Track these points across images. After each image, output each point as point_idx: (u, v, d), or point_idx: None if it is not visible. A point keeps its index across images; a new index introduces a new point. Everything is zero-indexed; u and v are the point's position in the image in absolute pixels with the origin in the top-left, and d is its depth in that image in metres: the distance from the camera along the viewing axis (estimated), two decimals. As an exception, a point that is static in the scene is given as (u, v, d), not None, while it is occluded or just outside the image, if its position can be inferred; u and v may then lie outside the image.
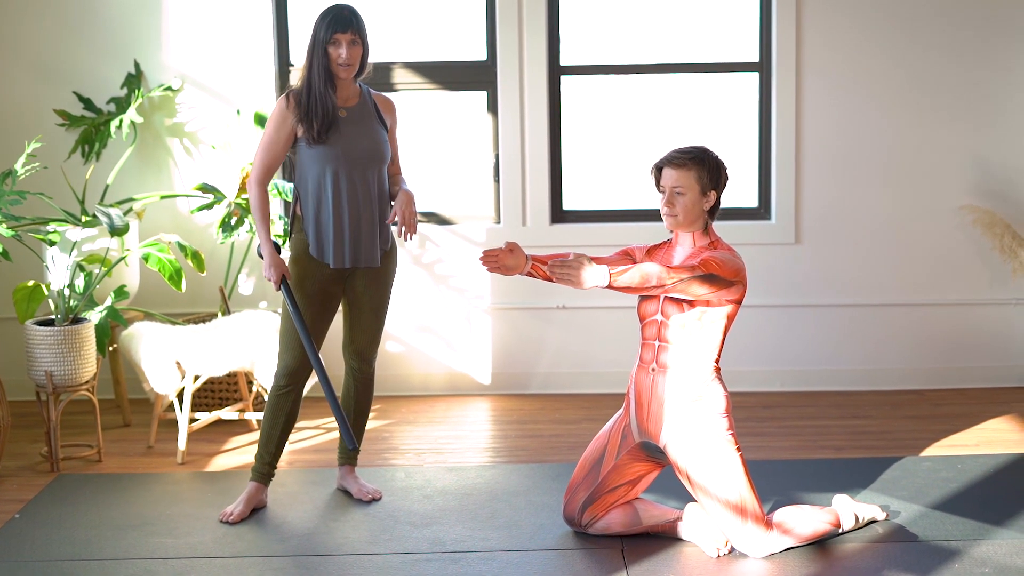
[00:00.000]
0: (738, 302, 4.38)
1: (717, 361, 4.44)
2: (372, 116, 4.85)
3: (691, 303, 4.34)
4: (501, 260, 4.35)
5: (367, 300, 4.91)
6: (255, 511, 4.91)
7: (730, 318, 4.41)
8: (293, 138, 4.76)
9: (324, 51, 4.69)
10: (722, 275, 4.25)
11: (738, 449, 4.41)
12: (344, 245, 4.78)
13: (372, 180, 4.80)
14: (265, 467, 4.93)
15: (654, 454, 4.55)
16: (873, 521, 4.67)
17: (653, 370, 4.46)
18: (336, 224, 4.75)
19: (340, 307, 4.99)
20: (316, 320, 4.82)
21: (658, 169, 4.44)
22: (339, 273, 4.84)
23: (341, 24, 4.68)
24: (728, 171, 4.46)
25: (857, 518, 4.57)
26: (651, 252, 4.56)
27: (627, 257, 4.55)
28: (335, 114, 4.73)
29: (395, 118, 4.97)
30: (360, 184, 4.76)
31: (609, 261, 4.46)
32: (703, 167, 4.37)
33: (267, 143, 4.76)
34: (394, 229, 4.86)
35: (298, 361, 4.84)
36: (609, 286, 4.14)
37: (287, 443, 4.97)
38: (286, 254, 5.18)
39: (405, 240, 4.84)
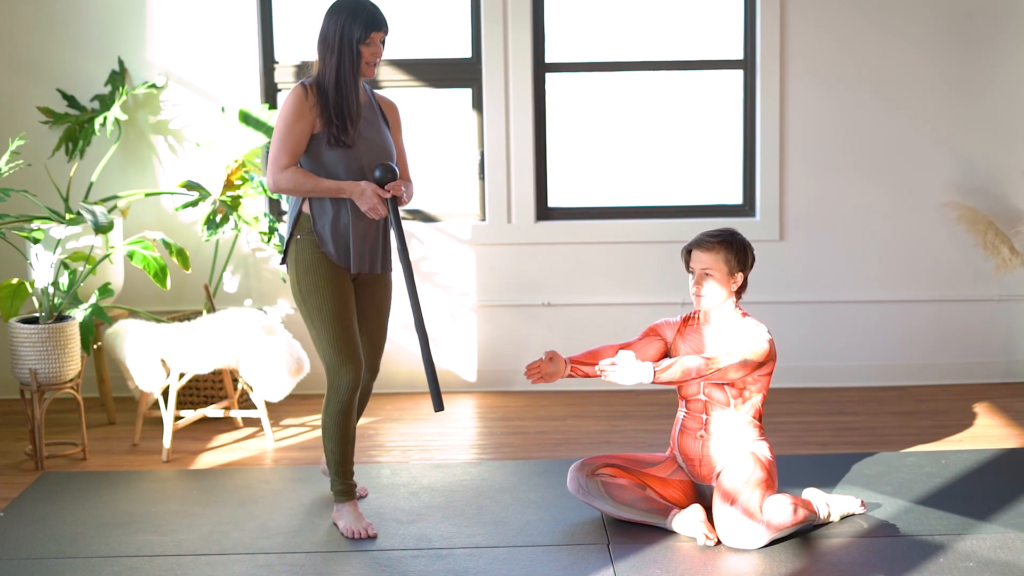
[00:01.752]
0: (770, 373, 4.60)
1: (760, 420, 4.63)
2: (379, 115, 4.72)
3: (730, 382, 4.56)
4: (544, 370, 4.59)
5: (373, 308, 4.75)
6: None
7: (767, 383, 4.61)
8: (310, 133, 4.55)
9: (358, 51, 4.50)
10: (754, 360, 4.48)
11: (765, 468, 4.52)
12: (365, 250, 4.61)
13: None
14: (353, 481, 4.71)
15: (704, 492, 4.72)
16: (851, 515, 4.70)
17: (701, 436, 4.65)
18: (358, 228, 4.57)
19: None
20: (353, 324, 4.60)
21: (687, 252, 4.62)
22: (348, 275, 4.66)
23: (378, 24, 4.51)
24: (754, 251, 4.65)
25: (829, 506, 4.63)
26: (680, 331, 4.71)
27: (655, 337, 4.74)
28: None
29: (399, 119, 4.82)
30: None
31: (635, 345, 4.70)
32: (731, 250, 4.55)
33: (284, 136, 4.52)
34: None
35: (360, 370, 4.60)
36: (654, 382, 4.41)
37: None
38: (280, 259, 5.10)
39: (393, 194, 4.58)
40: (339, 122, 4.52)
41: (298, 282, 4.60)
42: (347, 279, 4.63)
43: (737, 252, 4.55)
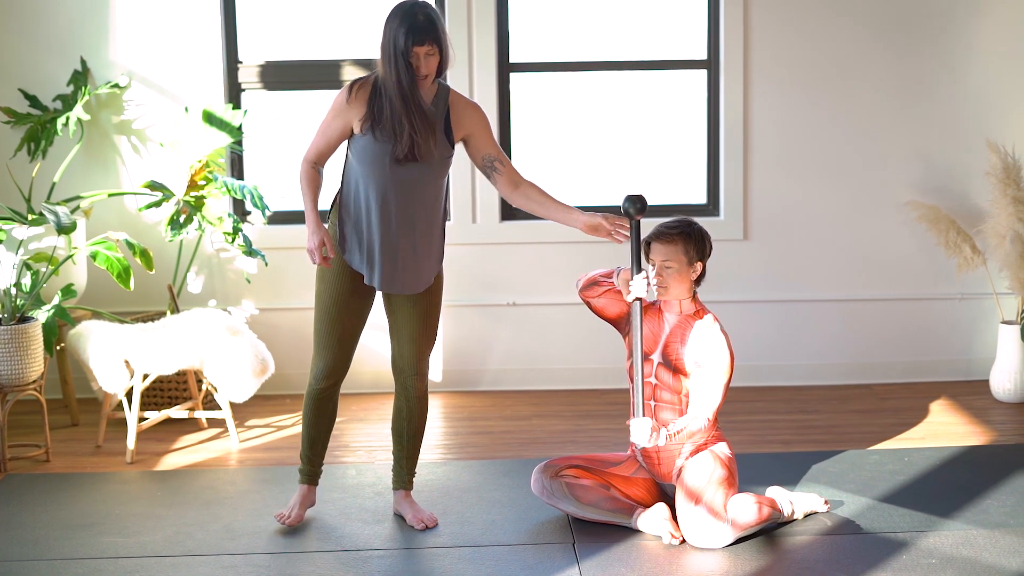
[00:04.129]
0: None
1: (715, 421, 4.60)
2: (442, 125, 4.46)
3: (687, 372, 4.58)
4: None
5: (416, 314, 4.60)
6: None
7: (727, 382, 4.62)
8: (349, 131, 4.43)
9: (407, 62, 4.31)
10: (729, 377, 4.56)
11: (726, 466, 4.54)
12: (378, 266, 4.49)
13: (417, 200, 4.46)
14: (315, 468, 4.77)
15: (667, 491, 4.72)
16: (814, 513, 4.73)
17: (653, 428, 4.59)
18: (368, 242, 4.48)
19: (386, 317, 4.71)
20: (347, 320, 4.59)
21: (646, 243, 4.65)
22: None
23: (419, 37, 4.29)
24: (712, 240, 4.69)
25: (793, 504, 4.65)
26: (646, 311, 4.70)
27: (621, 300, 4.70)
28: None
29: (478, 124, 4.52)
30: (399, 201, 4.43)
31: (597, 278, 4.71)
32: (690, 240, 4.59)
33: (322, 127, 4.46)
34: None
35: (338, 359, 4.63)
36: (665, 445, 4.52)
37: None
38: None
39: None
40: (410, 139, 4.36)
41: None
42: (360, 275, 4.55)
43: (696, 242, 4.59)
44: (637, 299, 4.49)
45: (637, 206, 4.47)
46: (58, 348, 6.08)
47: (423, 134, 4.37)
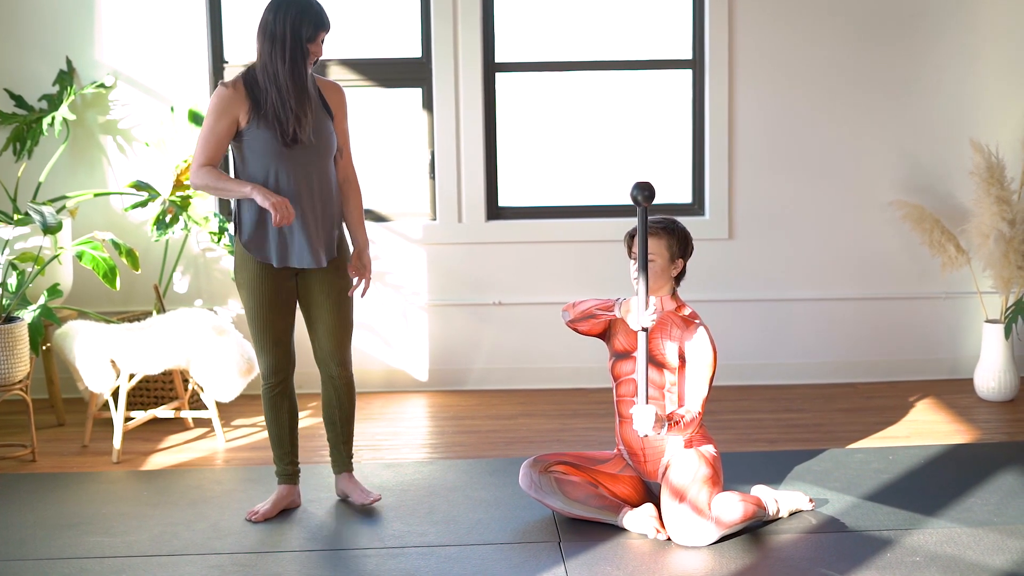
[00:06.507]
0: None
1: (701, 415, 4.59)
2: (318, 105, 4.61)
3: (670, 367, 4.60)
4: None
5: (329, 302, 4.70)
6: (287, 511, 4.87)
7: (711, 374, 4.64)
8: (236, 126, 4.53)
9: (306, 49, 4.49)
10: (714, 371, 4.59)
11: (711, 464, 4.55)
12: (288, 245, 4.60)
13: (314, 175, 4.58)
14: (287, 467, 4.87)
15: (653, 489, 4.73)
16: (799, 511, 4.74)
17: (657, 416, 4.60)
18: (273, 223, 4.54)
19: (300, 310, 4.81)
20: (278, 321, 4.69)
21: (631, 237, 4.68)
22: (287, 270, 4.67)
23: (326, 23, 4.52)
24: (693, 241, 4.74)
25: (778, 502, 4.66)
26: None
27: (605, 308, 4.71)
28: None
29: (343, 105, 4.71)
30: (303, 180, 4.56)
31: (593, 311, 4.69)
32: (673, 236, 4.63)
33: (207, 132, 4.52)
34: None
35: (280, 358, 4.74)
36: (668, 431, 4.47)
37: (298, 437, 4.93)
38: (230, 259, 5.03)
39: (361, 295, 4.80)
40: (281, 120, 4.50)
41: (234, 276, 4.77)
42: (278, 275, 4.65)
43: (679, 239, 4.63)
44: (643, 329, 4.48)
45: (645, 193, 4.45)
46: (44, 348, 6.07)
47: (312, 116, 4.54)
